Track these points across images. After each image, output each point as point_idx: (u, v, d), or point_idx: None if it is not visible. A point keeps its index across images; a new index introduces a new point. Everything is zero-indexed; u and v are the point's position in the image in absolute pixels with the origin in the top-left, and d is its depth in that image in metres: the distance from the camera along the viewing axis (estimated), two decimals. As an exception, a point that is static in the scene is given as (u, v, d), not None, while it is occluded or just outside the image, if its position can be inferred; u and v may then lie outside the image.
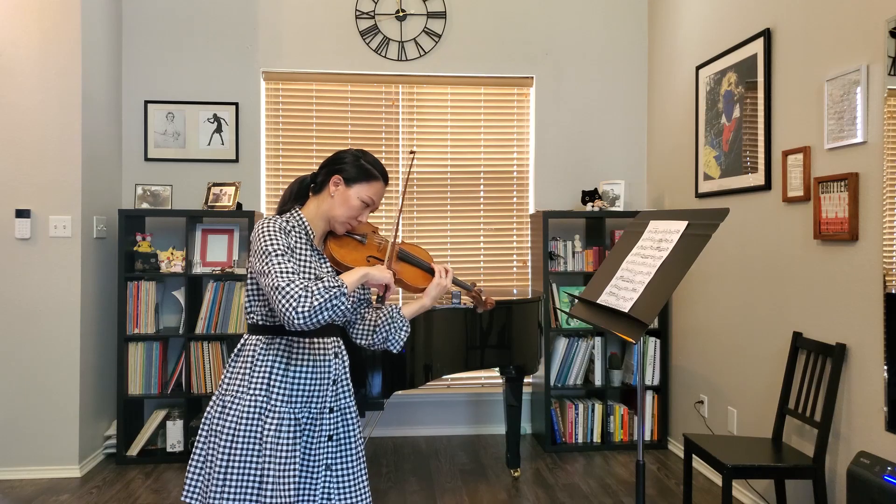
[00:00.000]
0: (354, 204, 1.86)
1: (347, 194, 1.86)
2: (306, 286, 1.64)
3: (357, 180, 1.87)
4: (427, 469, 3.84)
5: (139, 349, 3.95)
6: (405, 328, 1.98)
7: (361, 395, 2.99)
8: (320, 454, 1.81)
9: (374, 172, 1.89)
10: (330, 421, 1.83)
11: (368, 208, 1.90)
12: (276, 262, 1.68)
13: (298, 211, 1.89)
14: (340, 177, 1.87)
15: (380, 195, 1.92)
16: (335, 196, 1.86)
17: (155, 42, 4.31)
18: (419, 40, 4.45)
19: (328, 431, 1.82)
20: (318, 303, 1.61)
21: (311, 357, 1.82)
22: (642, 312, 2.07)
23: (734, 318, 3.52)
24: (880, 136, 2.49)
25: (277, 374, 1.78)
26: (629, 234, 2.51)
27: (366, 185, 1.87)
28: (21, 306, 3.64)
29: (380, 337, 1.97)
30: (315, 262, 1.82)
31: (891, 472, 2.12)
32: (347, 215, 1.87)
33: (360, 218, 1.89)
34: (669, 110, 4.29)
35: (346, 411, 1.89)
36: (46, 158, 3.65)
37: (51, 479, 3.63)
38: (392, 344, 1.98)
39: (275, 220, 1.78)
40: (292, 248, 1.76)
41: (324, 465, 1.81)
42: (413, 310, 1.99)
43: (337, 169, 1.88)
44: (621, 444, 4.25)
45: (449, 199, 4.54)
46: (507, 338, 3.45)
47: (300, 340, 1.82)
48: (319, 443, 1.81)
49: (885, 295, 2.45)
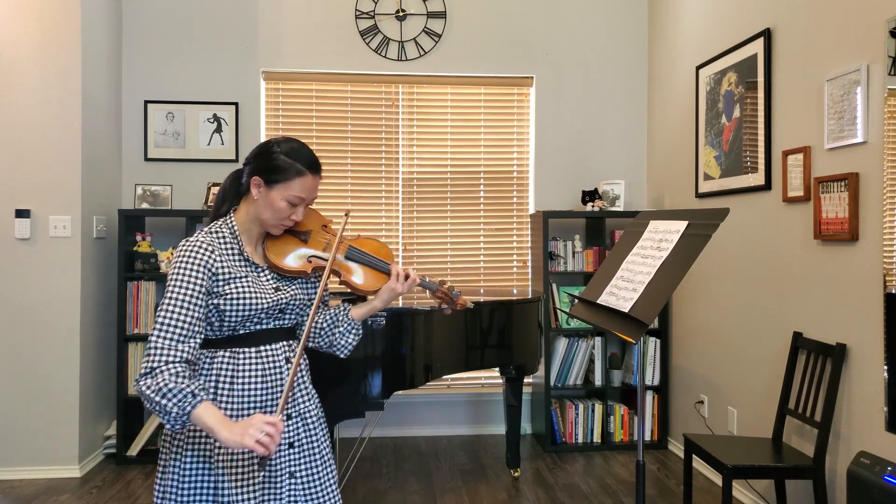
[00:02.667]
0: (279, 206, 1.66)
1: (270, 197, 1.65)
2: (164, 365, 1.50)
3: (277, 180, 1.65)
4: (427, 469, 3.84)
5: (139, 349, 3.95)
6: (353, 331, 1.82)
7: (361, 396, 2.99)
8: (282, 462, 1.70)
9: (295, 167, 1.66)
10: (289, 428, 1.73)
11: (298, 207, 1.69)
12: (169, 307, 1.55)
13: (232, 217, 1.72)
14: (260, 178, 1.66)
15: (309, 190, 1.68)
16: (259, 199, 1.67)
17: (155, 42, 4.31)
18: (419, 40, 4.45)
19: (288, 439, 1.72)
20: (150, 392, 1.48)
21: (258, 366, 1.69)
22: (642, 312, 2.07)
23: (734, 318, 3.51)
24: (880, 136, 2.49)
25: (224, 389, 1.66)
26: (629, 234, 2.51)
27: (288, 184, 1.65)
28: (21, 306, 3.64)
29: (324, 341, 1.83)
30: (250, 276, 1.68)
31: (891, 472, 2.12)
32: (275, 218, 1.68)
33: (293, 217, 1.69)
34: (669, 110, 4.28)
35: (307, 416, 1.78)
36: (46, 158, 3.65)
37: (51, 479, 3.63)
38: (338, 349, 1.83)
39: (195, 246, 1.61)
40: (207, 287, 1.61)
41: (287, 472, 1.71)
42: (363, 313, 1.81)
43: (256, 168, 1.68)
44: (621, 444, 4.24)
45: (449, 199, 4.54)
46: (507, 338, 3.45)
47: (245, 350, 1.68)
48: (279, 450, 1.70)
49: (885, 295, 2.45)
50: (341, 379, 2.92)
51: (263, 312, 1.68)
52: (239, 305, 1.64)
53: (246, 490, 1.64)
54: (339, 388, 2.89)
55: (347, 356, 1.83)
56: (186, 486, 1.65)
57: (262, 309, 1.67)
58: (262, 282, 1.70)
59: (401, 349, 2.98)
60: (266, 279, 1.72)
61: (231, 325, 1.67)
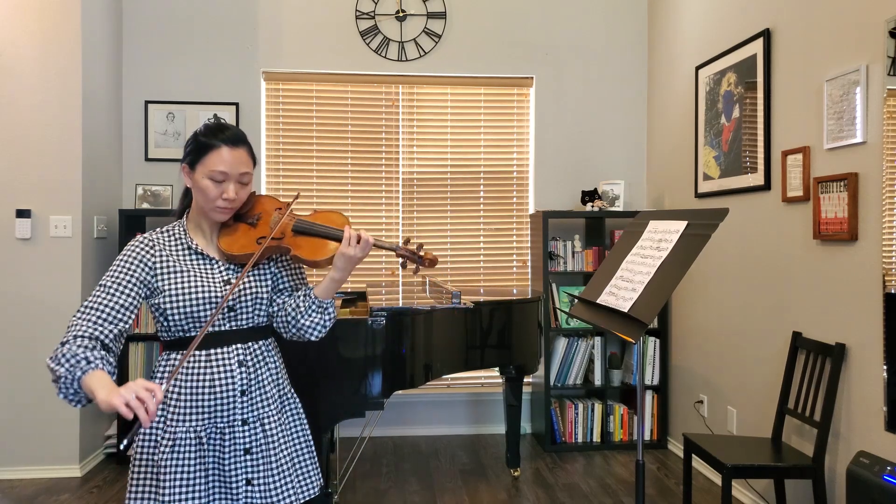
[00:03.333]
0: (205, 184, 1.64)
1: (195, 179, 1.66)
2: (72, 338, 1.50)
3: (196, 161, 1.65)
4: (427, 469, 3.84)
5: (139, 349, 3.95)
6: (317, 309, 1.70)
7: (361, 395, 2.99)
8: (238, 469, 1.66)
9: (206, 142, 1.65)
10: (243, 434, 1.68)
11: (225, 183, 1.65)
12: (93, 295, 1.60)
13: (185, 218, 1.77)
14: (185, 164, 1.68)
15: (229, 162, 1.64)
16: (192, 187, 1.68)
17: (155, 42, 4.31)
18: (419, 40, 4.46)
19: (244, 445, 1.67)
20: (48, 361, 1.48)
21: (206, 370, 1.66)
22: (642, 312, 2.07)
23: (734, 317, 3.52)
24: (880, 136, 2.49)
25: (173, 393, 1.64)
26: (629, 234, 2.51)
27: (205, 159, 1.64)
28: (21, 306, 3.65)
29: (294, 327, 1.73)
30: (196, 269, 1.68)
31: (890, 472, 2.12)
32: (207, 200, 1.66)
33: (224, 196, 1.66)
34: (669, 110, 4.29)
35: (265, 422, 1.72)
36: (47, 158, 3.65)
37: (51, 479, 3.63)
38: (305, 331, 1.72)
39: (137, 242, 1.69)
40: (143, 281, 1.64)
41: (244, 479, 1.66)
42: (325, 287, 1.70)
43: (183, 157, 1.70)
44: (621, 444, 4.25)
45: (449, 199, 4.55)
46: (507, 337, 3.46)
47: (194, 354, 1.66)
48: (235, 457, 1.66)
49: (885, 295, 2.45)
50: (341, 378, 2.92)
51: (208, 306, 1.65)
52: (177, 300, 1.64)
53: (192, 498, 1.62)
54: (340, 387, 2.89)
55: (319, 338, 1.75)
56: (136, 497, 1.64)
57: (203, 301, 1.64)
58: (211, 274, 1.69)
59: (401, 349, 2.98)
60: (219, 272, 1.70)
61: (178, 323, 1.65)
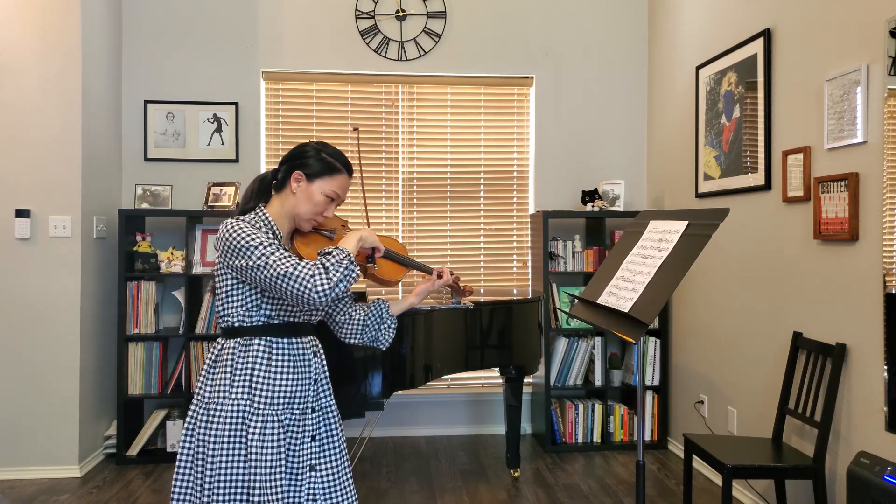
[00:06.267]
0: (318, 199, 1.80)
1: (310, 190, 1.80)
2: (315, 263, 1.64)
3: (319, 175, 1.81)
4: (427, 469, 3.84)
5: (139, 349, 3.95)
6: (394, 326, 2.03)
7: (361, 396, 2.99)
8: (304, 455, 1.77)
9: (336, 165, 1.83)
10: (312, 421, 1.80)
11: (333, 203, 1.84)
12: (267, 253, 1.65)
13: (263, 209, 1.83)
14: (302, 172, 1.80)
15: (344, 188, 1.86)
16: (297, 193, 1.80)
17: (155, 42, 4.31)
18: (419, 40, 4.45)
19: (311, 432, 1.79)
20: (335, 277, 1.62)
21: (290, 357, 1.78)
22: (642, 312, 2.07)
23: (734, 318, 3.52)
24: (880, 136, 2.49)
25: (258, 377, 1.74)
26: (629, 234, 2.51)
27: (329, 179, 1.81)
28: (21, 306, 3.64)
29: (369, 335, 2.00)
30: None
31: (891, 472, 2.12)
32: (312, 212, 1.81)
33: (325, 213, 1.84)
34: (669, 110, 4.29)
35: (328, 411, 1.86)
36: (46, 158, 3.65)
37: (51, 479, 3.63)
38: (381, 342, 2.02)
39: (242, 220, 1.75)
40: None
41: (308, 465, 1.77)
42: (401, 308, 2.05)
43: (298, 164, 1.82)
44: (621, 444, 4.25)
45: (449, 199, 4.54)
46: (507, 338, 3.45)
47: (278, 341, 1.78)
48: (303, 443, 1.78)
49: (885, 295, 2.45)
50: (342, 379, 2.92)
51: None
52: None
53: (275, 478, 1.71)
54: (340, 387, 2.89)
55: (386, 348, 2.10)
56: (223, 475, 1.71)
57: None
58: None
59: (401, 349, 2.98)
60: None
61: (267, 308, 1.76)
